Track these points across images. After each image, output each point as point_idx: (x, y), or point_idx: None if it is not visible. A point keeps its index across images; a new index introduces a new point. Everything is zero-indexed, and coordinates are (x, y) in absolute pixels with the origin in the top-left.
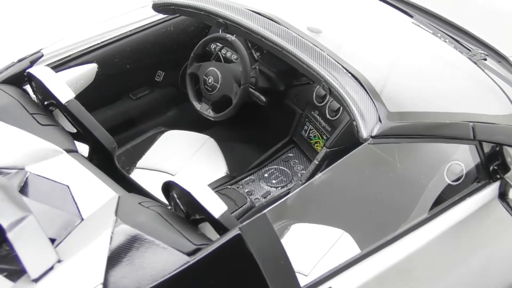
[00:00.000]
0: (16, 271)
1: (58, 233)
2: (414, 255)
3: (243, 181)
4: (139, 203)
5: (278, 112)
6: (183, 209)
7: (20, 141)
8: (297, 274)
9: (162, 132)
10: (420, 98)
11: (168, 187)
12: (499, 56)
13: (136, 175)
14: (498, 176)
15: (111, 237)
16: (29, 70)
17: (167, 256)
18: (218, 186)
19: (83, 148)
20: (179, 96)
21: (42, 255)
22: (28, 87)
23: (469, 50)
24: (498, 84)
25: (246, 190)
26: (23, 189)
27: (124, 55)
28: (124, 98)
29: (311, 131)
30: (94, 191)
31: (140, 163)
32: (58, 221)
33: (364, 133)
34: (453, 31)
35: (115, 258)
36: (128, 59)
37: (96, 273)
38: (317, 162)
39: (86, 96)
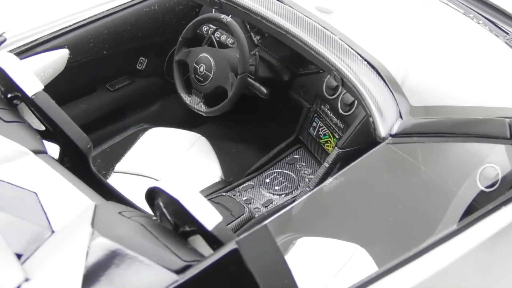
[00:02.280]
0: None
1: (25, 247)
2: (441, 273)
3: (241, 187)
4: (119, 213)
5: (282, 106)
6: (170, 219)
7: None
8: None
9: (145, 129)
10: (448, 90)
11: (153, 194)
12: None
13: (115, 180)
14: None
15: (87, 252)
16: None
17: (152, 274)
18: (212, 194)
19: (53, 149)
20: (165, 88)
21: (7, 273)
22: None
23: (507, 34)
24: None
25: (244, 198)
26: None
27: (100, 39)
28: (100, 90)
29: (320, 129)
30: (67, 199)
31: (119, 166)
32: (25, 234)
33: (382, 131)
34: (488, 10)
35: (91, 276)
36: (105, 43)
37: None
38: (327, 165)
39: (56, 88)
